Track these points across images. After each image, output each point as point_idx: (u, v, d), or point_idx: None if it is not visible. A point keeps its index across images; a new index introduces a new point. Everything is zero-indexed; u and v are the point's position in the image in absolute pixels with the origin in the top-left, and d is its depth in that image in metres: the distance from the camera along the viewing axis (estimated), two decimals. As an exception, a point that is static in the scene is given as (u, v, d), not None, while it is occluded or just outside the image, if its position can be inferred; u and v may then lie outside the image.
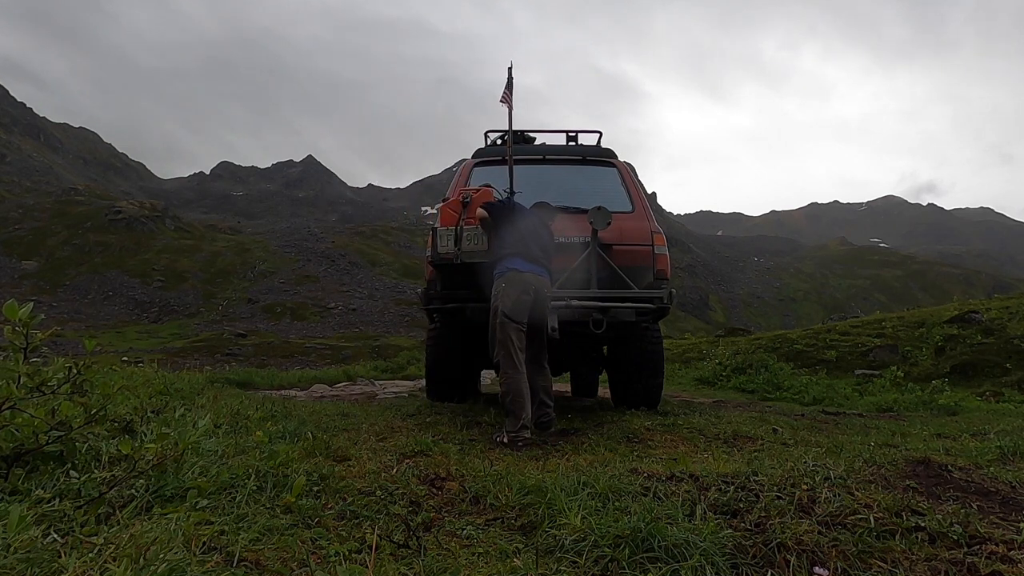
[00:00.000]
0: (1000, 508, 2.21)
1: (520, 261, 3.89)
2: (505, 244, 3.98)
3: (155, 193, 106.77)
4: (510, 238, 3.98)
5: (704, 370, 11.53)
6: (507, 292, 3.78)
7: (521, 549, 1.79)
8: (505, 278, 3.84)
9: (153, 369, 6.42)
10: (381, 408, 5.25)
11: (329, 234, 66.01)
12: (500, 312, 3.75)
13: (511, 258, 3.91)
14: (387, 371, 12.99)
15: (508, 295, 3.77)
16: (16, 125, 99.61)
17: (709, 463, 2.89)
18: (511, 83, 4.80)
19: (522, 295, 3.79)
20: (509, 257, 3.92)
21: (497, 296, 3.82)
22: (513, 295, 3.77)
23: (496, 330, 3.77)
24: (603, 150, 5.59)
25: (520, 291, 3.79)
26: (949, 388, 8.14)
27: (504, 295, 3.78)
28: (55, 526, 1.50)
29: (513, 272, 3.84)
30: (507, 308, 3.74)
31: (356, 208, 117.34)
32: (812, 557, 1.69)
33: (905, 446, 3.53)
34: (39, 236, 50.98)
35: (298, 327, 39.43)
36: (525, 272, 3.86)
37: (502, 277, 3.85)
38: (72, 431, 1.93)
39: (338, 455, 2.78)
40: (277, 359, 26.30)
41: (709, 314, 79.06)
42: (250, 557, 1.51)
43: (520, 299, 3.78)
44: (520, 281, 3.82)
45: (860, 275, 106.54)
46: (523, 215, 4.14)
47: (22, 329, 1.92)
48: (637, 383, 5.20)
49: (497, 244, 4.05)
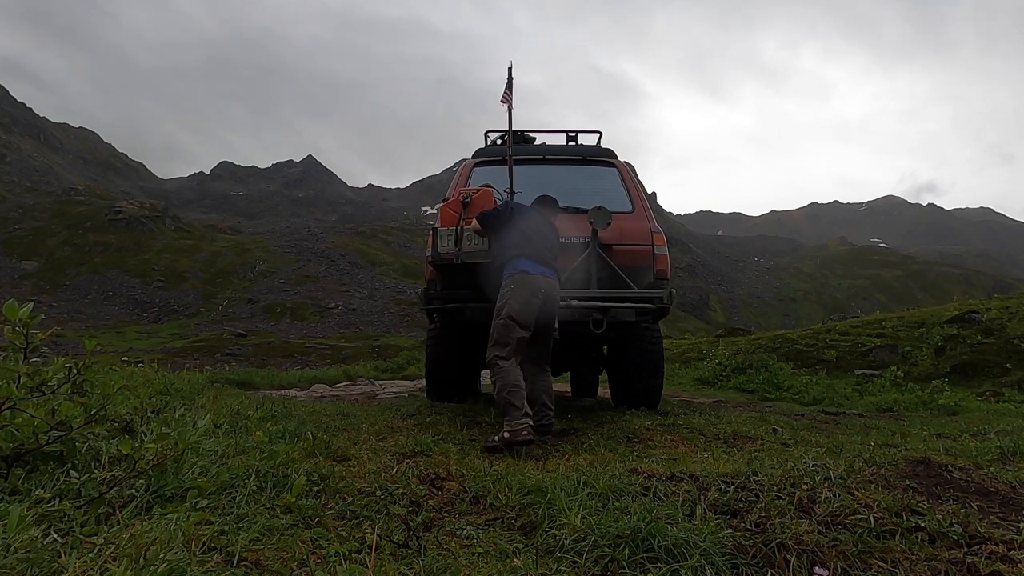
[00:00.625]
0: (1000, 508, 2.21)
1: (530, 263, 3.79)
2: (511, 245, 3.89)
3: (155, 193, 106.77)
4: (515, 239, 3.89)
5: (704, 370, 11.53)
6: (515, 294, 3.68)
7: (521, 549, 1.79)
8: (514, 279, 3.73)
9: (153, 369, 6.42)
10: (381, 408, 5.24)
11: (329, 234, 66.00)
12: (506, 314, 3.65)
13: (520, 259, 3.81)
14: (387, 371, 13.00)
15: (516, 297, 3.67)
16: (16, 125, 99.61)
17: (709, 463, 2.89)
18: (511, 83, 4.80)
19: (531, 298, 3.70)
20: (518, 258, 3.81)
21: (504, 297, 3.71)
22: (522, 298, 3.68)
23: (497, 330, 3.67)
24: (603, 150, 5.59)
25: (529, 294, 3.70)
26: (949, 388, 8.14)
27: (512, 297, 3.68)
28: (55, 526, 1.50)
29: (522, 274, 3.74)
30: (514, 311, 3.64)
31: (356, 208, 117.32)
32: (812, 557, 1.69)
33: (905, 446, 3.53)
34: (39, 236, 50.98)
35: (298, 327, 39.43)
36: (535, 275, 3.76)
37: (511, 278, 3.75)
38: (72, 431, 1.93)
39: (338, 455, 2.78)
40: (277, 359, 26.30)
41: (709, 314, 79.06)
42: (250, 557, 1.51)
43: (529, 302, 3.69)
44: (530, 284, 3.72)
45: (860, 275, 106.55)
46: (525, 215, 4.06)
47: (22, 329, 1.92)
48: (637, 383, 5.20)
49: (501, 245, 3.97)
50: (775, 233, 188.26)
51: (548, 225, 4.16)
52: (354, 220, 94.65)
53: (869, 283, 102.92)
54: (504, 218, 4.04)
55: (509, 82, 4.80)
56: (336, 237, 64.28)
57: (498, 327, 3.67)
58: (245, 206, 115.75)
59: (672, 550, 1.67)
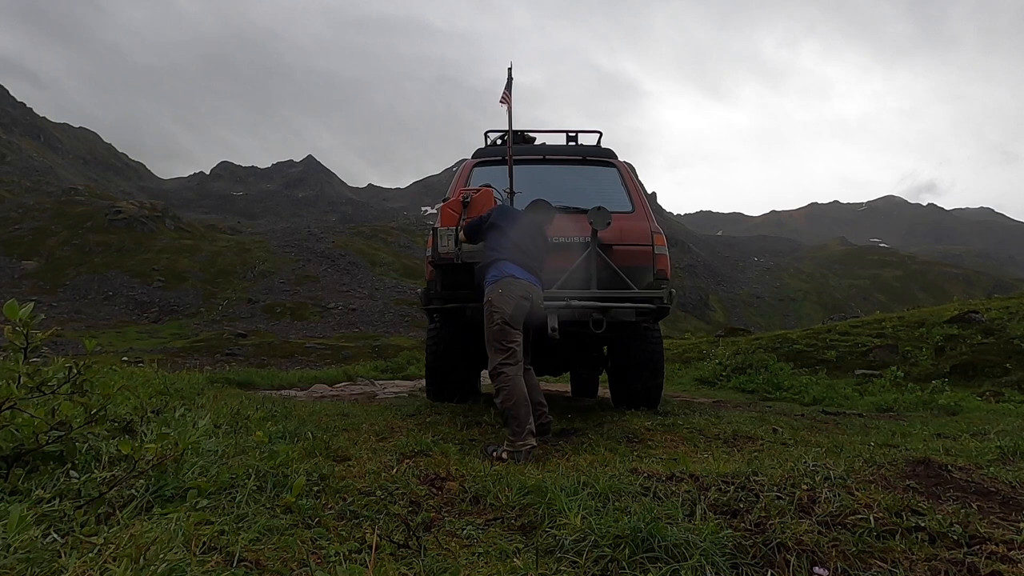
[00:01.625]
0: (1000, 508, 2.21)
1: (517, 268, 3.77)
2: (498, 247, 3.85)
3: (155, 193, 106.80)
4: (503, 243, 3.86)
5: (704, 370, 11.53)
6: (505, 298, 3.65)
7: (521, 549, 1.79)
8: (501, 283, 3.70)
9: (153, 369, 6.41)
10: (381, 408, 5.24)
11: (329, 234, 66.01)
12: (499, 319, 3.61)
13: (506, 263, 3.77)
14: (387, 371, 12.99)
15: (507, 302, 3.64)
16: (16, 125, 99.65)
17: (709, 463, 2.89)
18: (511, 83, 4.80)
19: (521, 300, 3.68)
20: (504, 262, 3.78)
21: (494, 301, 3.66)
22: (512, 301, 3.65)
23: (495, 337, 3.62)
24: (603, 150, 5.59)
25: (520, 296, 3.68)
26: (949, 388, 8.13)
27: (503, 300, 3.64)
28: (55, 526, 1.50)
29: (510, 278, 3.71)
30: (507, 316, 3.61)
31: (356, 208, 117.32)
32: (812, 557, 1.69)
33: (905, 446, 3.52)
34: (39, 236, 50.99)
35: (298, 327, 39.44)
36: (521, 279, 3.74)
37: (498, 282, 3.71)
38: (72, 431, 1.93)
39: (338, 455, 2.78)
40: (277, 359, 26.31)
41: (709, 314, 79.07)
42: (250, 557, 1.51)
43: (520, 305, 3.67)
44: (518, 286, 3.70)
45: (860, 275, 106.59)
46: (517, 221, 4.01)
47: (22, 329, 1.92)
48: (637, 383, 5.20)
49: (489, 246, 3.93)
50: (775, 233, 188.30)
51: (540, 235, 4.12)
52: (354, 220, 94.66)
53: (869, 283, 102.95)
54: (486, 222, 3.98)
55: (509, 82, 4.80)
56: (336, 237, 64.29)
57: (495, 334, 3.61)
58: (245, 206, 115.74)
59: (672, 550, 1.67)
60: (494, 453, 3.31)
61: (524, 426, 3.36)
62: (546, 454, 3.36)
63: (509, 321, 3.61)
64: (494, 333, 3.61)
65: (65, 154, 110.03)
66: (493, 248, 3.88)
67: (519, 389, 3.48)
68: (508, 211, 4.11)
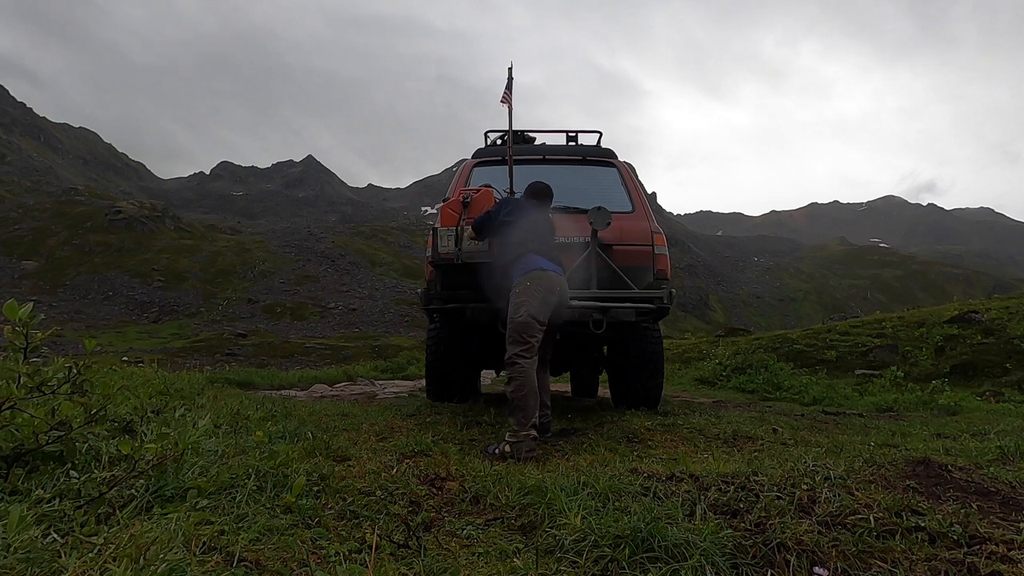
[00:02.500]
0: (1000, 508, 2.21)
1: (543, 259, 3.74)
2: (517, 241, 3.82)
3: (155, 193, 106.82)
4: (519, 235, 3.83)
5: (704, 370, 11.53)
6: (533, 292, 3.60)
7: (521, 549, 1.79)
8: (531, 276, 3.65)
9: (153, 369, 6.41)
10: (381, 408, 5.24)
11: (329, 234, 66.03)
12: (526, 313, 3.54)
13: (532, 255, 3.74)
14: (387, 371, 13.00)
15: (535, 295, 3.59)
16: (16, 125, 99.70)
17: (709, 463, 2.89)
18: (511, 83, 4.81)
19: (548, 295, 3.64)
20: (530, 253, 3.75)
21: (521, 294, 3.61)
22: (540, 295, 3.61)
23: (517, 329, 3.55)
24: (603, 150, 5.59)
25: (547, 291, 3.65)
26: (949, 388, 8.13)
27: (531, 295, 3.59)
28: (55, 526, 1.50)
29: (539, 271, 3.67)
30: (535, 310, 3.56)
31: (356, 208, 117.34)
32: (812, 557, 1.69)
33: (905, 446, 3.52)
34: (39, 236, 51.01)
35: (298, 327, 39.45)
36: (549, 271, 3.71)
37: (528, 275, 3.66)
38: (72, 431, 1.93)
39: (338, 455, 2.77)
40: (277, 359, 26.31)
41: (709, 314, 79.09)
42: (250, 557, 1.51)
43: (547, 300, 3.63)
44: (548, 280, 3.67)
45: (860, 275, 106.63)
46: (524, 210, 4.00)
47: (22, 329, 1.92)
48: (637, 383, 5.20)
49: (505, 241, 3.90)
50: (775, 233, 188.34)
51: (547, 221, 4.12)
52: (354, 220, 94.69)
53: (869, 283, 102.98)
54: (497, 219, 3.97)
55: (509, 82, 4.80)
56: (336, 237, 64.31)
57: (518, 326, 3.55)
58: (245, 206, 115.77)
59: (672, 550, 1.67)
60: (495, 451, 3.31)
61: (529, 419, 3.36)
62: (546, 454, 3.36)
63: (535, 315, 3.56)
64: (518, 325, 3.55)
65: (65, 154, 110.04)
66: (517, 243, 3.83)
67: (531, 381, 3.47)
68: (518, 205, 4.08)
